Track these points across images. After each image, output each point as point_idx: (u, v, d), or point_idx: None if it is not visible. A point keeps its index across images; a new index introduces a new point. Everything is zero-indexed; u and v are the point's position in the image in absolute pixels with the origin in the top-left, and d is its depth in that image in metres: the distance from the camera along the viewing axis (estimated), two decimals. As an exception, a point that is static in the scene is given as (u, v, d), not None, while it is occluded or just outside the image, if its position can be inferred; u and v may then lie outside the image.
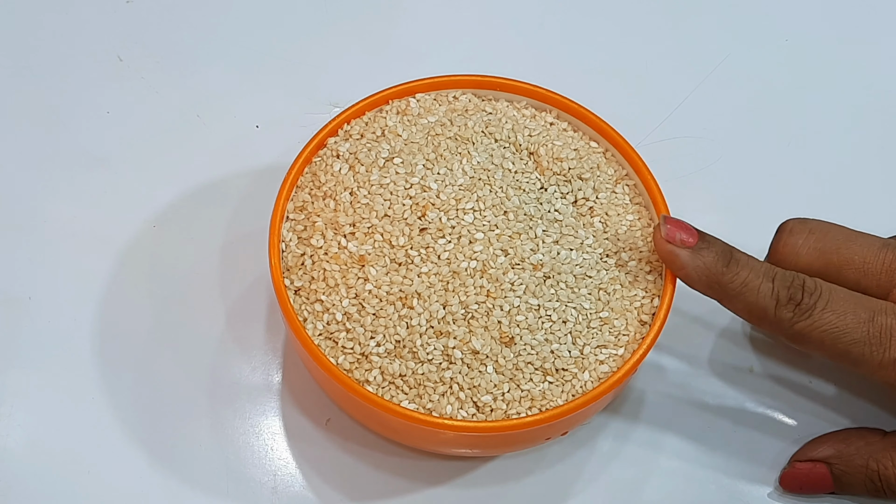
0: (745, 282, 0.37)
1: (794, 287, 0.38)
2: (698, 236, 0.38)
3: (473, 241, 0.38)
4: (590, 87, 0.46)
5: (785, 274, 0.38)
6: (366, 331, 0.37)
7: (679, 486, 0.43)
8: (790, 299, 0.37)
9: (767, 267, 0.38)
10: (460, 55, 0.53)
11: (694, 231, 0.38)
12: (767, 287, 0.37)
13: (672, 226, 0.38)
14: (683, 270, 0.38)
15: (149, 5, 0.54)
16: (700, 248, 0.38)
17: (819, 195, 0.50)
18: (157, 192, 0.48)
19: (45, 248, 0.46)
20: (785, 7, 0.56)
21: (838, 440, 0.42)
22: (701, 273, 0.38)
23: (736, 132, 0.52)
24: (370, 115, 0.42)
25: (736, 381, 0.45)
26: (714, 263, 0.38)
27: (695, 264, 0.38)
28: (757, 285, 0.37)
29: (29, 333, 0.44)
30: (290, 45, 0.53)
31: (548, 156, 0.41)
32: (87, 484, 0.41)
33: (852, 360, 0.38)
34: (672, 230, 0.38)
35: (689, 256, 0.38)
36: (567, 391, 0.37)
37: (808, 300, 0.37)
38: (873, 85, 0.54)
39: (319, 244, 0.38)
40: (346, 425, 0.43)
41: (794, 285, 0.38)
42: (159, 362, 0.44)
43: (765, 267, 0.38)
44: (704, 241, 0.38)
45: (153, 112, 0.50)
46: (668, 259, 0.38)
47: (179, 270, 0.46)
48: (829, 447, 0.42)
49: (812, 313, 0.37)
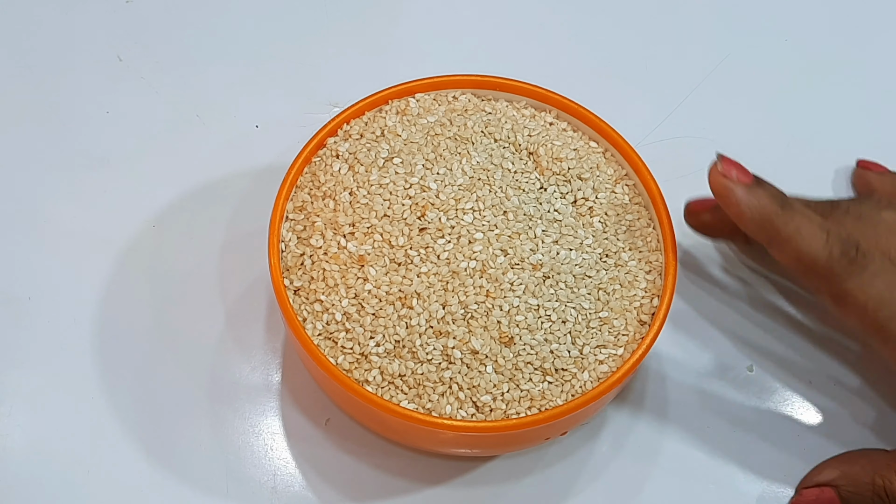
0: (799, 227, 0.37)
1: (849, 244, 0.37)
2: (753, 178, 0.37)
3: (473, 241, 0.38)
4: (590, 87, 0.46)
5: (841, 230, 0.37)
6: (365, 331, 0.37)
7: (678, 486, 0.43)
8: (843, 254, 0.36)
9: (821, 219, 0.37)
10: (460, 55, 0.53)
11: (749, 172, 0.37)
12: (822, 237, 0.37)
13: (728, 163, 0.37)
14: (737, 207, 0.37)
15: (149, 5, 0.54)
16: (755, 187, 0.37)
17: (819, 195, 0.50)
18: (157, 192, 0.48)
19: (45, 248, 0.46)
20: (785, 7, 0.56)
21: (842, 462, 0.42)
22: (755, 211, 0.37)
23: (736, 132, 0.52)
24: (370, 115, 0.42)
25: (735, 380, 0.45)
26: (769, 203, 0.37)
27: (749, 202, 0.37)
28: (811, 232, 0.37)
29: (29, 333, 0.44)
30: (290, 45, 0.53)
31: (547, 156, 0.41)
32: (87, 484, 0.41)
33: (884, 335, 0.37)
34: (728, 167, 0.37)
35: (744, 193, 0.37)
36: (566, 391, 0.37)
37: (861, 260, 0.36)
38: (873, 85, 0.54)
39: (319, 244, 0.38)
40: (346, 425, 0.43)
41: (849, 242, 0.37)
42: (159, 362, 0.44)
43: (819, 218, 0.37)
44: (759, 182, 0.37)
45: (153, 112, 0.50)
46: (722, 195, 0.37)
47: (179, 270, 0.46)
48: (834, 470, 0.41)
49: (863, 274, 0.36)
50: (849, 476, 0.41)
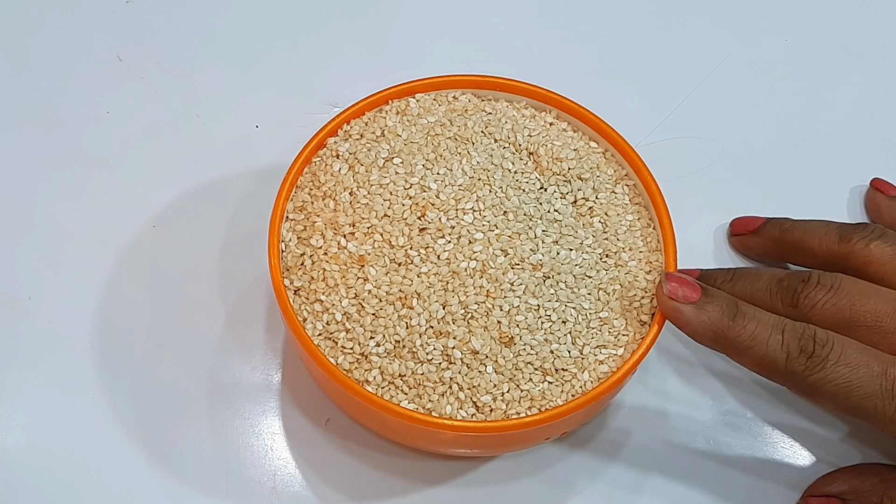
0: (753, 335, 0.37)
1: (805, 339, 0.36)
2: (701, 291, 0.37)
3: (473, 241, 0.38)
4: (590, 87, 0.46)
5: (795, 325, 0.37)
6: (365, 331, 0.37)
7: (678, 486, 0.43)
8: (801, 351, 0.36)
9: (776, 319, 0.37)
10: (460, 55, 0.53)
11: (697, 286, 0.37)
12: (777, 339, 0.36)
13: (674, 282, 0.37)
14: (689, 327, 0.37)
15: (149, 5, 0.54)
16: (704, 304, 0.37)
17: (819, 195, 0.50)
18: (157, 192, 0.48)
19: (45, 248, 0.46)
20: (785, 7, 0.56)
21: (852, 475, 0.41)
22: (706, 328, 0.37)
23: (736, 132, 0.52)
24: (370, 116, 0.42)
25: (735, 380, 0.45)
26: (719, 318, 0.37)
27: (700, 320, 0.37)
28: (766, 338, 0.37)
29: (29, 333, 0.44)
30: (290, 45, 0.53)
31: (547, 156, 0.41)
32: (87, 484, 0.41)
33: (864, 414, 0.37)
34: (675, 287, 0.37)
35: (693, 312, 0.37)
36: (567, 391, 0.37)
37: (819, 352, 0.36)
38: (873, 84, 0.54)
39: (319, 244, 0.38)
40: (346, 425, 0.43)
41: (805, 337, 0.37)
42: (159, 362, 0.44)
43: (773, 319, 0.37)
44: (708, 295, 0.37)
45: (153, 112, 0.50)
46: (672, 315, 0.37)
47: (179, 270, 0.46)
48: (844, 483, 0.41)
49: (825, 366, 0.36)
50: (857, 492, 0.41)
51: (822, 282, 0.39)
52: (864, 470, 0.42)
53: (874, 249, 0.40)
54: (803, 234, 0.43)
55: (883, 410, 0.36)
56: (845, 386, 0.36)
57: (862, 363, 0.36)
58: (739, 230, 0.47)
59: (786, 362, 0.36)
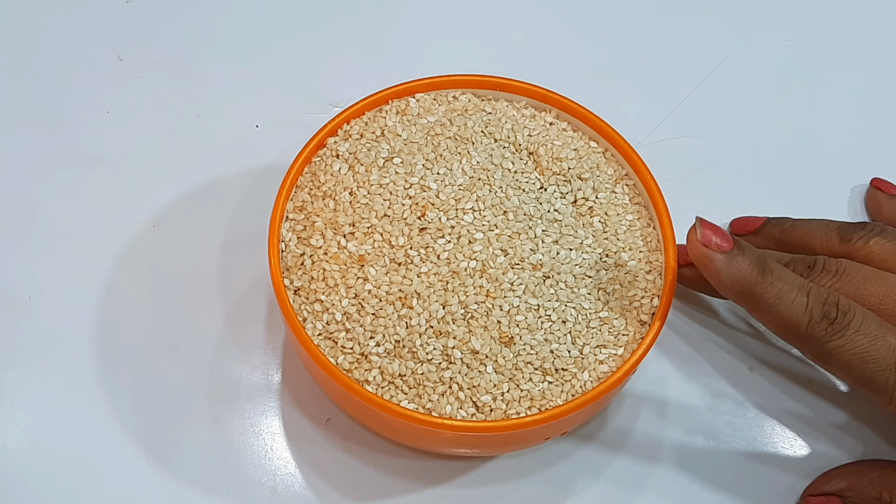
0: (780, 293, 0.37)
1: (829, 304, 0.37)
2: (733, 242, 0.37)
3: (473, 241, 0.38)
4: (590, 87, 0.46)
5: (820, 290, 0.37)
6: (365, 331, 0.37)
7: (678, 486, 0.43)
8: (824, 316, 0.36)
9: (802, 281, 0.37)
10: (460, 55, 0.53)
11: (729, 237, 0.37)
12: (802, 301, 0.37)
13: (708, 229, 0.37)
14: (717, 276, 0.37)
15: (149, 5, 0.54)
16: (735, 255, 0.37)
17: (819, 195, 0.50)
18: (157, 192, 0.48)
19: (45, 248, 0.46)
20: (785, 7, 0.56)
21: (851, 473, 0.42)
22: (735, 280, 0.37)
23: (736, 132, 0.52)
24: (370, 115, 0.42)
25: (735, 380, 0.45)
26: (749, 271, 0.37)
27: (729, 271, 0.37)
28: (791, 298, 0.37)
29: (29, 333, 0.44)
30: (290, 45, 0.53)
31: (547, 156, 0.41)
32: (87, 484, 0.41)
33: (874, 386, 0.37)
34: (708, 234, 0.37)
35: (723, 262, 0.37)
36: (566, 391, 0.37)
37: (842, 319, 0.36)
38: (873, 84, 0.54)
39: (319, 244, 0.38)
40: (346, 425, 0.43)
41: (829, 302, 0.37)
42: (159, 362, 0.44)
43: (799, 281, 0.37)
44: (739, 247, 0.37)
45: (153, 112, 0.50)
46: (701, 263, 0.37)
47: (179, 270, 0.46)
48: (842, 480, 0.41)
49: (845, 334, 0.36)
50: (856, 489, 0.41)
51: (826, 267, 0.39)
52: (861, 467, 0.42)
53: (874, 247, 0.41)
54: (804, 235, 0.43)
55: (893, 386, 0.36)
56: (861, 356, 0.36)
57: (881, 336, 0.36)
58: (739, 230, 0.47)
59: (807, 326, 0.36)
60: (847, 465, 0.42)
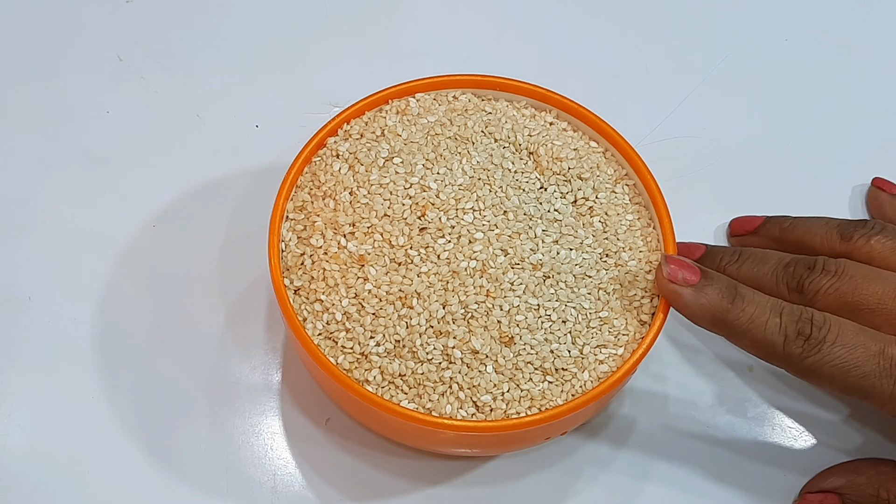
0: (752, 318, 0.37)
1: (803, 321, 0.37)
2: (700, 274, 0.37)
3: (473, 241, 0.38)
4: (590, 87, 0.46)
5: (792, 308, 0.37)
6: (365, 330, 0.37)
7: (678, 486, 0.43)
8: (798, 334, 0.37)
9: (774, 302, 0.37)
10: (460, 55, 0.53)
11: (696, 269, 0.37)
12: (775, 322, 0.37)
13: (674, 265, 0.37)
14: (687, 309, 0.37)
15: (149, 5, 0.54)
16: (703, 286, 0.37)
17: (819, 195, 0.50)
18: (157, 192, 0.48)
19: (45, 248, 0.46)
20: (785, 7, 0.56)
21: (849, 470, 0.42)
22: (706, 311, 0.37)
23: (736, 132, 0.52)
24: (370, 115, 0.42)
25: (735, 380, 0.45)
26: (718, 301, 0.37)
27: (698, 303, 0.37)
28: (764, 321, 0.37)
29: (29, 333, 0.44)
30: (290, 45, 0.53)
31: (547, 155, 0.41)
32: (87, 484, 0.41)
33: (862, 393, 0.37)
34: (674, 270, 0.37)
35: (692, 295, 0.37)
36: (567, 391, 0.37)
37: (817, 334, 0.37)
38: (873, 84, 0.54)
39: (319, 244, 0.38)
40: (346, 425, 0.43)
41: (803, 319, 0.37)
42: (159, 362, 0.44)
43: (771, 302, 0.37)
44: (707, 278, 0.37)
45: (153, 112, 0.50)
46: (671, 298, 0.38)
47: (179, 270, 0.46)
48: (840, 478, 0.41)
49: (822, 347, 0.36)
50: (854, 486, 0.41)
51: (826, 268, 0.39)
52: (859, 464, 0.42)
53: (875, 245, 0.41)
54: (804, 234, 0.43)
55: (881, 389, 0.37)
56: (842, 367, 0.36)
57: (859, 343, 0.37)
58: (739, 230, 0.47)
59: (783, 345, 0.37)
60: (845, 463, 0.42)
